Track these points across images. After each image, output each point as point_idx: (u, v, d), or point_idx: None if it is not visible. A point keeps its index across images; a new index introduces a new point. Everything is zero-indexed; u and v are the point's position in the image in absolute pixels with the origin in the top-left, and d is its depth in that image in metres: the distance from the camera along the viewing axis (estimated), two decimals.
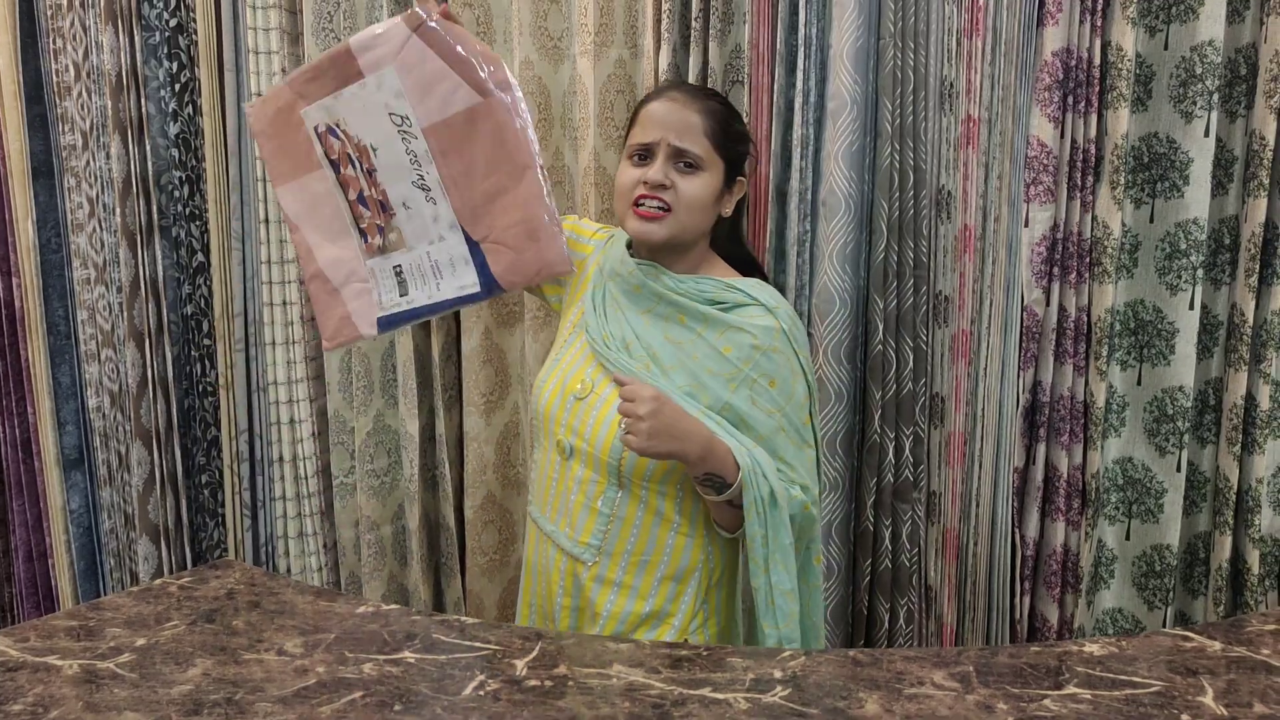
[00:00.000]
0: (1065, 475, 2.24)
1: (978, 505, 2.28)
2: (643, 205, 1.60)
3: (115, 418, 2.53)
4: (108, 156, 2.44)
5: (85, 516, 2.60)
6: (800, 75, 2.16)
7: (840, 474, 2.25)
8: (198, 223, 2.47)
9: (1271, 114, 2.02)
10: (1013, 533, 2.27)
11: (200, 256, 2.48)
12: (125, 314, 2.43)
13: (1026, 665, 1.21)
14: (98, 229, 2.48)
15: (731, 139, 1.68)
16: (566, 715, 1.07)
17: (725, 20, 2.24)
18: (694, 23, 2.23)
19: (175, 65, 2.40)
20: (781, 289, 2.24)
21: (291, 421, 2.45)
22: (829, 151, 2.14)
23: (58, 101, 2.45)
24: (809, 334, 2.20)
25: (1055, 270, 2.18)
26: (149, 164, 2.41)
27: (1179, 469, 2.20)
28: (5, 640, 1.22)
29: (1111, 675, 1.16)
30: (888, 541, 2.25)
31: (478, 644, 1.24)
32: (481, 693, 1.12)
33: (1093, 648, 1.23)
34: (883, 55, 2.11)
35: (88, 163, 2.45)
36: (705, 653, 1.19)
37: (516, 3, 2.29)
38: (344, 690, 1.12)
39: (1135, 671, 1.18)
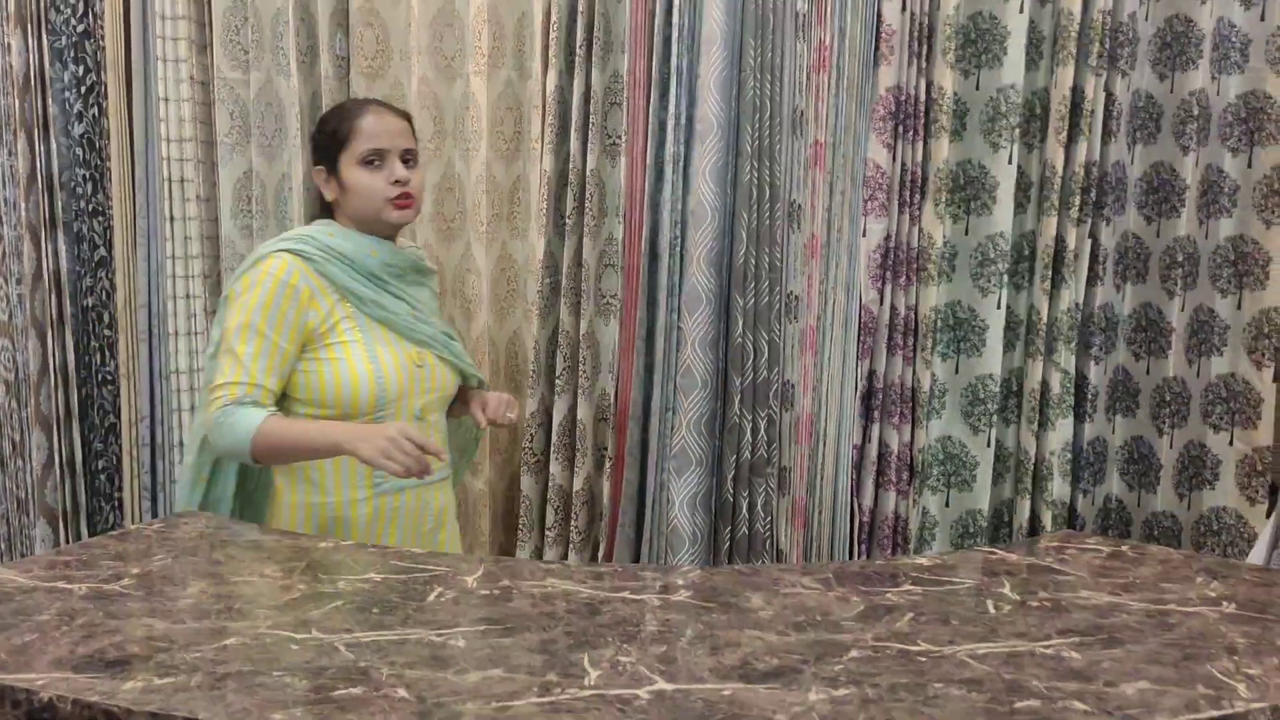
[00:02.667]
0: (896, 451, 2.59)
1: (822, 478, 2.61)
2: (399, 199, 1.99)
3: (10, 405, 2.61)
4: (9, 154, 2.53)
5: None
6: (672, 100, 2.45)
7: (704, 452, 2.54)
8: (100, 219, 2.59)
9: (1060, 146, 2.43)
10: (852, 501, 2.61)
11: (102, 251, 2.60)
12: (28, 305, 2.53)
13: (873, 572, 1.52)
14: None
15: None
16: (515, 611, 1.31)
17: (605, 49, 2.52)
18: (578, 50, 2.50)
19: (81, 69, 2.53)
20: (654, 288, 2.53)
21: (192, 408, 2.59)
22: (697, 168, 2.44)
23: None
24: (678, 327, 2.48)
25: (888, 274, 2.54)
26: (54, 162, 2.52)
27: (989, 445, 2.59)
28: (11, 572, 1.38)
29: (936, 578, 1.48)
30: (745, 512, 2.55)
31: (430, 567, 1.47)
32: (442, 599, 1.35)
33: (923, 560, 1.56)
34: (744, 85, 2.43)
35: None
36: (620, 569, 1.45)
37: (415, 25, 2.52)
38: (326, 600, 1.33)
39: (954, 575, 1.50)
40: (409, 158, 2.02)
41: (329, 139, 2.01)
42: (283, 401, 1.95)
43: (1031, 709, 1.11)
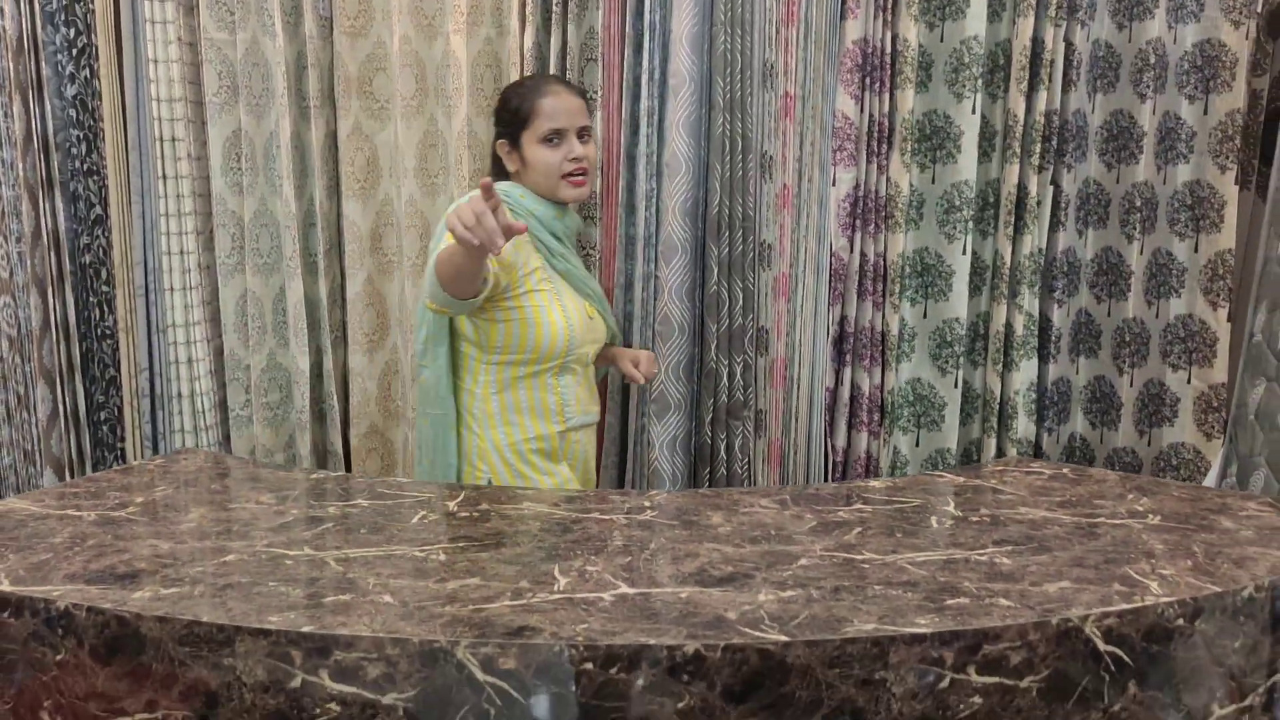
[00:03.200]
0: (867, 393, 2.70)
1: (796, 420, 2.72)
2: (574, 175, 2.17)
3: (14, 360, 2.71)
4: (5, 115, 2.61)
5: None
6: (646, 55, 2.53)
7: (682, 396, 2.64)
8: (95, 178, 2.67)
9: (1021, 96, 2.52)
10: (825, 442, 2.72)
11: (98, 210, 2.68)
12: (28, 262, 2.62)
13: (827, 494, 1.63)
14: None
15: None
16: (493, 530, 1.42)
17: (581, 6, 2.59)
18: (555, 7, 2.58)
19: (72, 31, 2.60)
20: (631, 240, 2.62)
21: (190, 360, 2.69)
22: (671, 121, 2.52)
23: None
24: (655, 276, 2.58)
25: (857, 222, 2.64)
26: (49, 123, 2.60)
27: (956, 385, 2.69)
28: (23, 502, 1.49)
29: (886, 498, 1.59)
30: (723, 453, 2.66)
31: (413, 493, 1.57)
32: (425, 521, 1.46)
33: (875, 483, 1.67)
34: (715, 39, 2.50)
35: None
36: (593, 494, 1.56)
37: None
38: (318, 523, 1.44)
39: (903, 495, 1.61)
40: (584, 134, 2.20)
41: (512, 116, 2.20)
42: (475, 352, 2.16)
43: (961, 605, 1.22)
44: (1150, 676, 1.24)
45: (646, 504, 1.57)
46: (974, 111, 2.57)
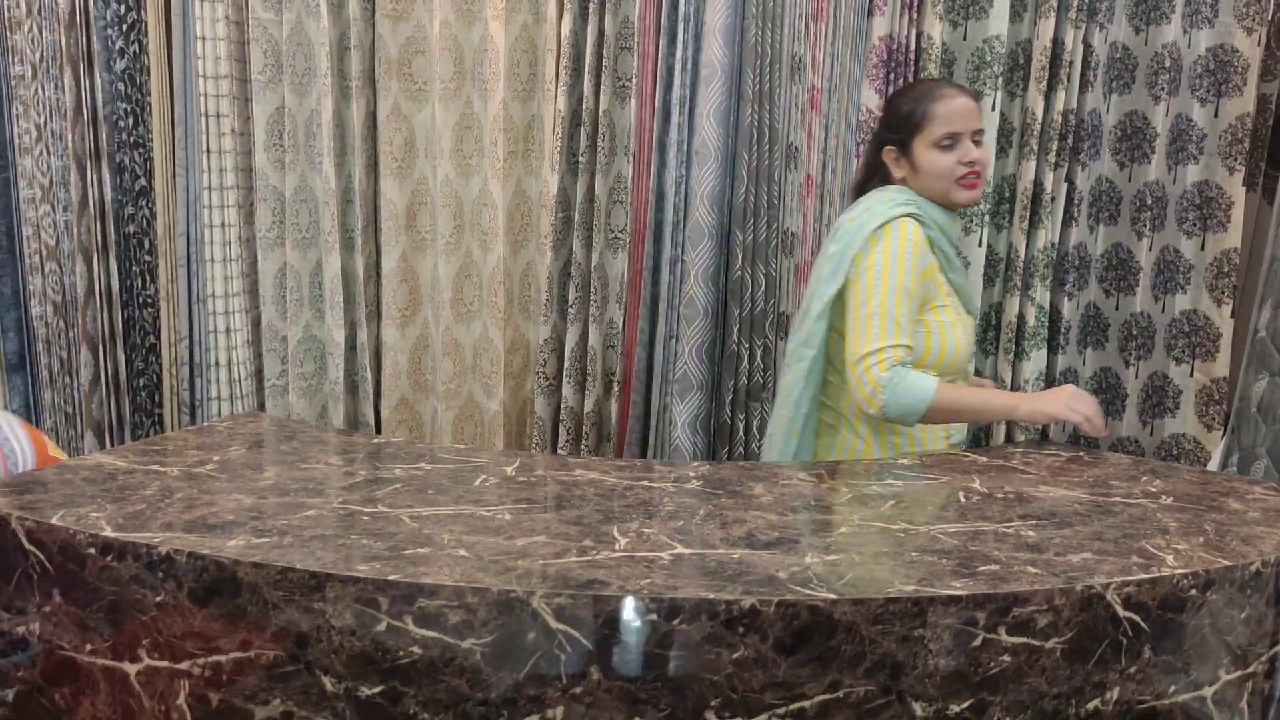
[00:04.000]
0: None
1: None
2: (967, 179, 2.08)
3: (58, 325, 2.79)
4: (56, 87, 2.69)
5: (25, 415, 2.84)
6: (679, 46, 2.62)
7: (705, 377, 2.74)
8: (140, 150, 2.75)
9: (1040, 95, 2.61)
10: None
11: (143, 181, 2.76)
12: (75, 231, 2.70)
13: (860, 470, 1.73)
14: (45, 153, 2.73)
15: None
16: (552, 494, 1.52)
17: None
18: None
19: (122, 7, 2.67)
20: (660, 224, 2.71)
21: (227, 330, 2.78)
22: (702, 110, 2.61)
23: (8, 35, 2.68)
24: (682, 260, 2.67)
25: None
26: (97, 95, 2.68)
27: (970, 374, 2.79)
28: (109, 457, 1.58)
29: (915, 475, 1.70)
30: (742, 432, 2.76)
31: (472, 459, 1.67)
32: (486, 484, 1.56)
33: (904, 461, 1.77)
34: (746, 32, 2.59)
35: (36, 92, 2.69)
36: (638, 463, 1.66)
37: None
38: (387, 484, 1.53)
39: (931, 472, 1.72)
40: (978, 136, 2.11)
41: (904, 121, 2.11)
42: None
43: (992, 571, 1.32)
44: (1164, 642, 1.34)
45: (691, 474, 1.68)
46: (994, 109, 2.66)
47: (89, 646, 1.33)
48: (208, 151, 2.70)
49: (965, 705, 1.28)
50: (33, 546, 1.34)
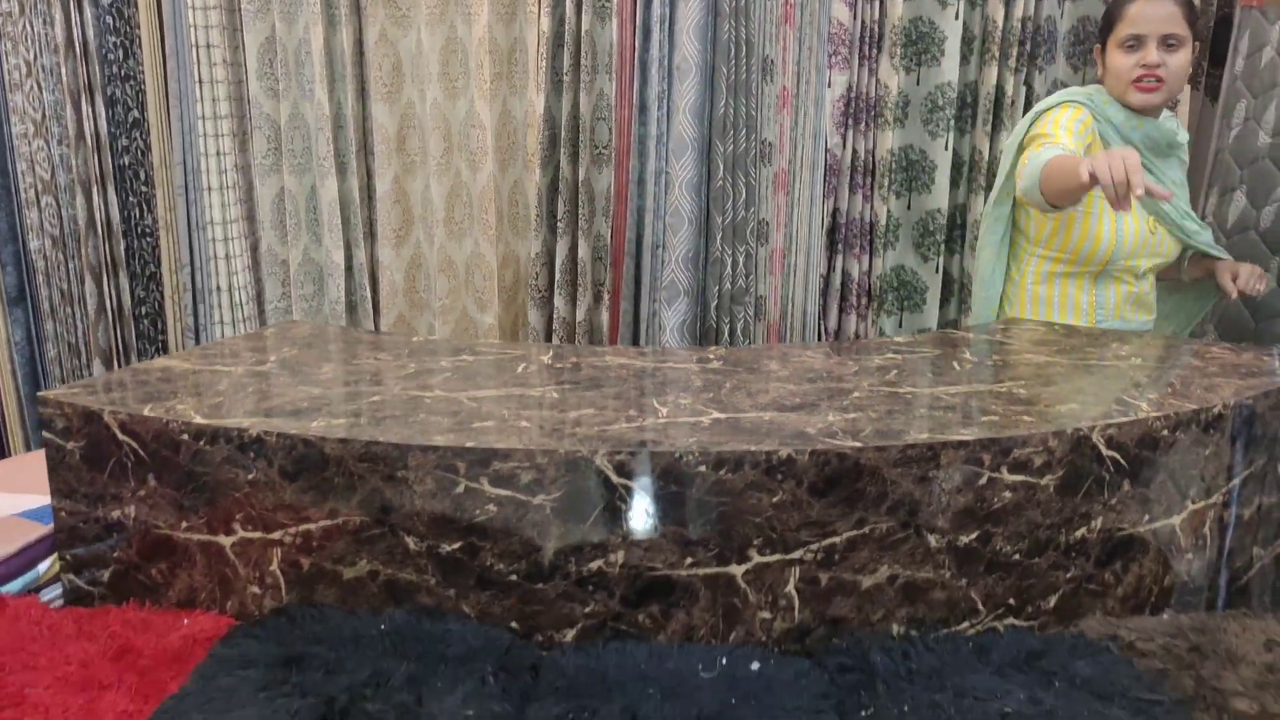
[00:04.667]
0: (856, 279, 2.97)
1: (793, 305, 2.98)
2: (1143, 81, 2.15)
3: (57, 258, 2.85)
4: (44, 22, 2.72)
5: (27, 347, 2.92)
6: None
7: (691, 283, 2.89)
8: (132, 83, 2.80)
9: (1000, 2, 2.76)
10: (819, 324, 2.99)
11: (135, 114, 2.82)
12: (72, 164, 2.75)
13: (861, 346, 1.90)
14: (35, 88, 2.77)
15: (1195, 18, 2.22)
16: (587, 377, 1.66)
17: None
18: None
19: None
20: (643, 139, 2.83)
21: (228, 256, 2.86)
22: (681, 26, 2.72)
23: None
24: (666, 172, 2.80)
25: (850, 121, 2.88)
26: (88, 29, 2.72)
27: (937, 271, 2.97)
28: (174, 361, 1.69)
29: (912, 349, 1.87)
30: (726, 336, 2.92)
31: (510, 351, 1.81)
32: (528, 370, 1.70)
33: (899, 339, 1.94)
34: None
35: (24, 28, 2.72)
36: (660, 350, 1.80)
37: None
38: (437, 373, 1.67)
39: (925, 347, 1.89)
40: (1170, 42, 2.14)
41: (1104, 20, 2.24)
42: (1023, 242, 2.29)
43: (992, 420, 1.50)
44: (1140, 476, 1.53)
45: (711, 356, 1.83)
46: (956, 17, 2.81)
47: (184, 524, 1.46)
48: (200, 81, 2.76)
49: (973, 536, 1.46)
50: (126, 437, 1.46)
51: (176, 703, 1.27)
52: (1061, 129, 2.14)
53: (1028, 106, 2.89)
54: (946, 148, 2.89)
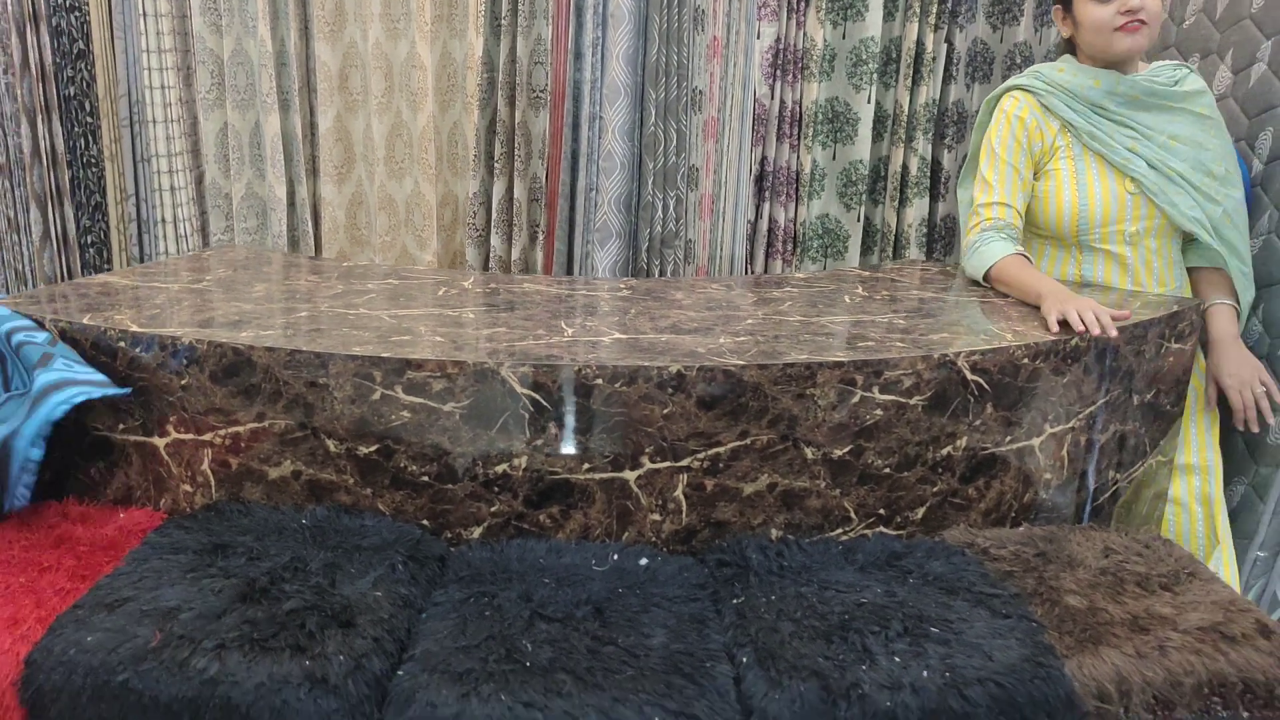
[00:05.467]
0: (783, 226, 3.10)
1: (721, 249, 3.11)
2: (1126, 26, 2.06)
3: (4, 186, 2.92)
4: None
5: None
6: None
7: (622, 226, 3.01)
8: (77, 14, 2.86)
9: None
10: (745, 268, 3.13)
11: (80, 45, 2.87)
12: (16, 93, 2.81)
13: (764, 280, 2.04)
14: None
15: None
16: (506, 300, 1.79)
17: None
18: None
19: None
20: (578, 84, 2.93)
21: (172, 189, 2.94)
22: None
23: None
24: (600, 117, 2.91)
25: (778, 72, 3.00)
26: None
27: (859, 220, 3.11)
28: (114, 277, 1.79)
29: (809, 284, 2.01)
30: (657, 275, 3.04)
31: (434, 276, 1.93)
32: (450, 293, 1.82)
33: (800, 275, 2.09)
34: None
35: None
36: (577, 279, 1.93)
37: None
38: (362, 295, 1.79)
39: (822, 282, 2.03)
40: None
41: None
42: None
43: (868, 346, 1.64)
44: (1003, 399, 1.68)
45: (622, 286, 1.96)
46: None
47: (121, 426, 1.58)
48: (144, 15, 2.82)
49: (846, 450, 1.61)
50: (65, 344, 1.57)
51: (110, 580, 1.40)
52: (997, 166, 2.17)
53: (948, 62, 3.04)
54: (869, 101, 3.01)
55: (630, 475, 1.55)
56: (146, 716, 1.24)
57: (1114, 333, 1.75)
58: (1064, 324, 1.78)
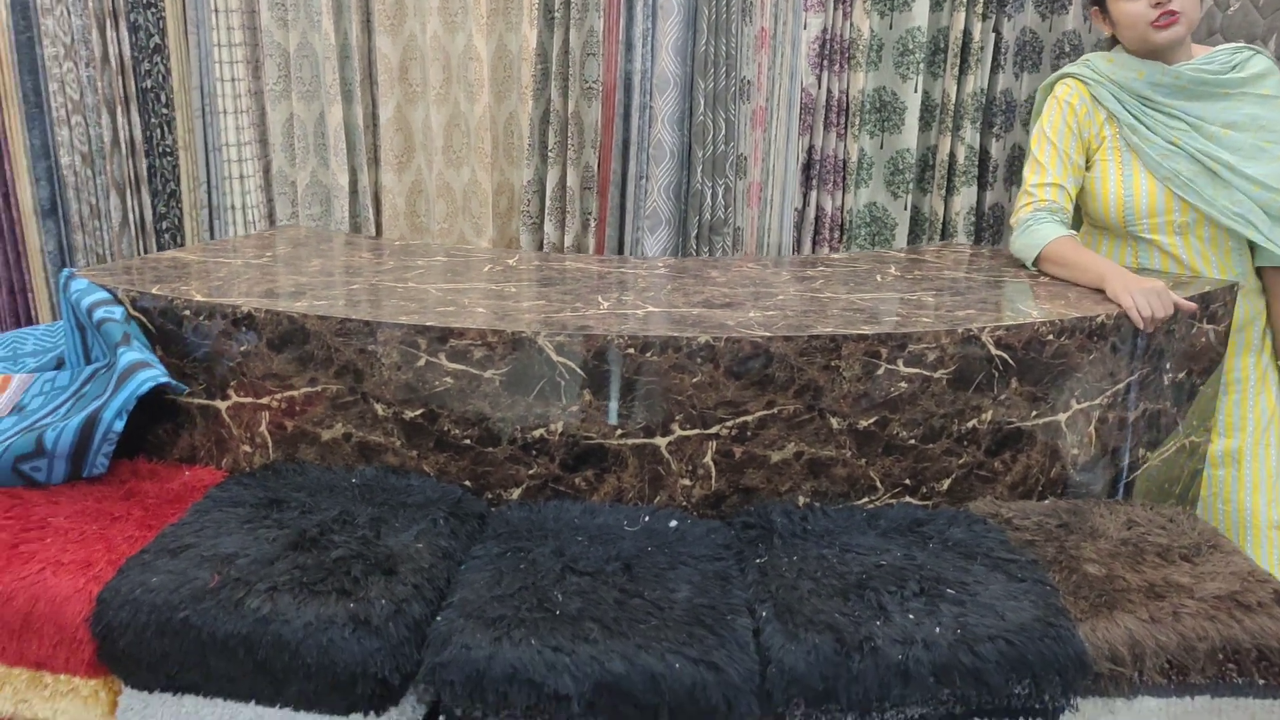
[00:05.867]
0: (830, 214, 3.15)
1: (768, 237, 3.17)
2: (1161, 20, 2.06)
3: (86, 174, 3.08)
4: None
5: (59, 257, 3.15)
6: None
7: (671, 214, 3.08)
8: (153, 10, 3.01)
9: None
10: (793, 256, 3.18)
11: (156, 39, 3.02)
12: (98, 85, 2.97)
13: (802, 261, 2.10)
14: (65, 13, 2.97)
15: None
16: (546, 277, 1.88)
17: None
18: None
19: None
20: (629, 74, 3.01)
21: (241, 177, 3.08)
22: None
23: None
24: (649, 106, 2.98)
25: (825, 62, 3.04)
26: None
27: (906, 208, 3.14)
28: (183, 253, 1.91)
29: (845, 265, 2.06)
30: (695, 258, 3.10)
31: (481, 254, 2.02)
32: (494, 270, 1.91)
33: (837, 256, 2.14)
34: None
35: None
36: (616, 258, 2.01)
37: None
38: (412, 270, 1.88)
39: (858, 263, 2.09)
40: None
41: None
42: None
43: (894, 320, 1.70)
44: (1028, 375, 1.73)
45: (660, 265, 2.04)
46: None
47: (187, 389, 1.69)
48: (215, 10, 2.96)
49: (871, 421, 1.67)
50: (136, 313, 1.68)
51: (174, 529, 1.51)
52: (1048, 149, 2.17)
53: (996, 51, 3.06)
54: (916, 90, 3.05)
55: (661, 441, 1.62)
56: (204, 650, 1.35)
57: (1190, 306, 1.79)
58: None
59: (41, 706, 1.43)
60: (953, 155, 3.08)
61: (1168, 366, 1.89)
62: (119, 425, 1.60)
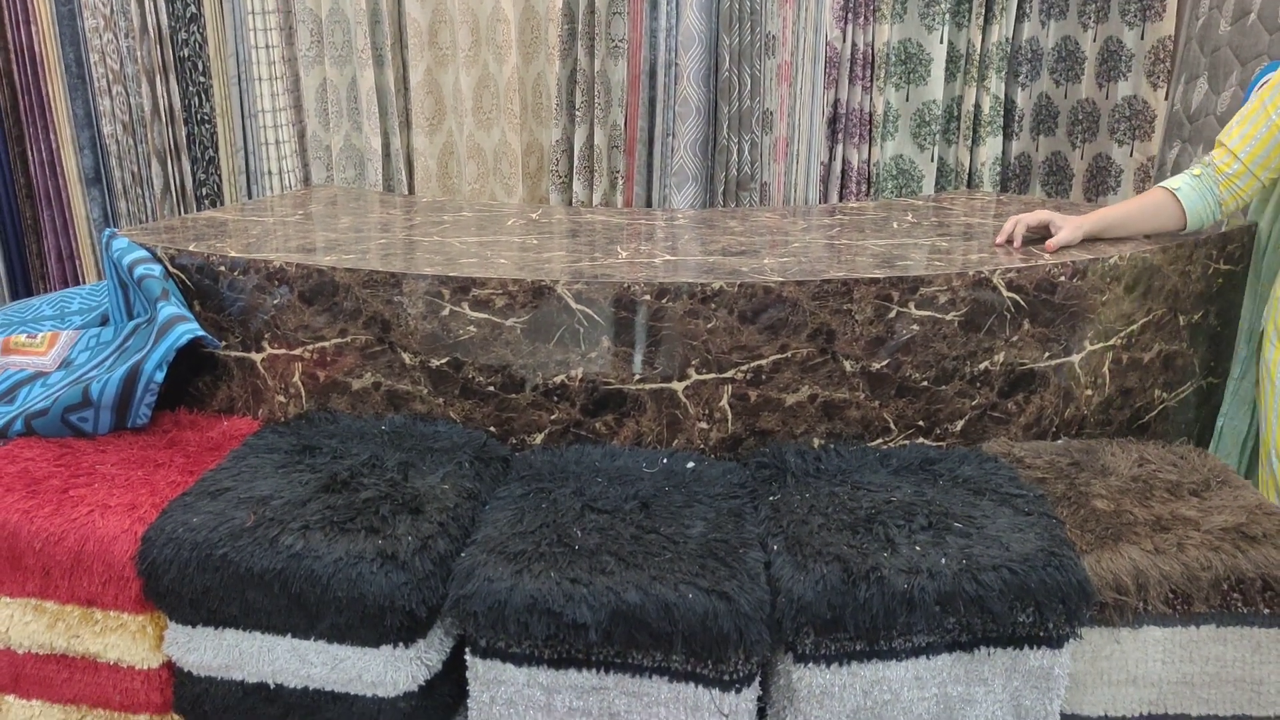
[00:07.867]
0: (856, 167, 3.16)
1: (795, 191, 3.19)
2: None
3: (128, 142, 3.17)
4: None
5: (103, 223, 3.25)
6: None
7: (699, 169, 3.11)
8: None
9: None
10: None
11: (193, 9, 3.10)
12: (137, 55, 3.05)
13: (817, 210, 2.14)
14: None
15: None
16: (568, 229, 1.93)
17: None
18: None
19: None
20: (654, 32, 3.04)
21: (277, 142, 3.15)
22: None
23: None
24: (675, 63, 3.01)
25: (849, 15, 3.05)
26: None
27: (933, 160, 3.15)
28: (219, 212, 1.99)
29: (862, 213, 2.09)
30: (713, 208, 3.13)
31: (503, 209, 2.08)
32: (517, 224, 1.96)
33: (853, 204, 2.17)
34: None
35: None
36: (636, 210, 2.05)
37: None
38: (439, 225, 1.94)
39: (876, 211, 2.11)
40: None
41: None
42: None
43: (906, 265, 1.73)
44: (1040, 316, 1.75)
45: (679, 216, 2.08)
46: None
47: (223, 343, 1.77)
48: None
49: (884, 364, 1.70)
50: (175, 270, 1.76)
51: (213, 474, 1.59)
52: (1256, 120, 1.87)
53: (1020, 2, 3.04)
54: (942, 41, 3.04)
55: (678, 386, 1.67)
56: (242, 585, 1.43)
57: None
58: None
59: (93, 641, 1.52)
60: (978, 105, 3.08)
61: (1184, 308, 1.90)
62: (159, 376, 1.68)
